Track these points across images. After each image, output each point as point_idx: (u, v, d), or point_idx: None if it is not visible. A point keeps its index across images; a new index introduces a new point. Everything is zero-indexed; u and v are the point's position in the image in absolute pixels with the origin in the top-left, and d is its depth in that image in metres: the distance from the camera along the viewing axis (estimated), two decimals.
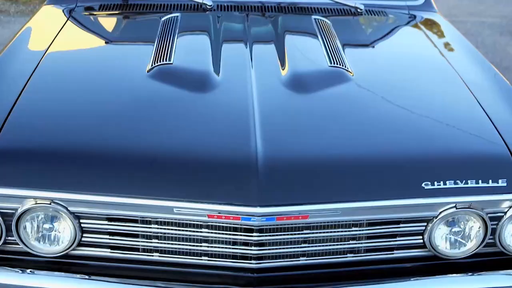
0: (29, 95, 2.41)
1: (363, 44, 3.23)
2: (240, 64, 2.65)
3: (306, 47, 2.89)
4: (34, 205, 2.05)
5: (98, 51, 2.99)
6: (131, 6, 3.35)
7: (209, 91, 2.45)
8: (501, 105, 2.54)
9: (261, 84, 2.47)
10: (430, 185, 2.12)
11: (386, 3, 3.53)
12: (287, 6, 3.39)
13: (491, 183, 2.15)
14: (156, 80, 2.51)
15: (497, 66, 6.21)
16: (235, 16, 3.25)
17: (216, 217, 2.03)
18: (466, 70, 2.80)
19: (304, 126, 2.28)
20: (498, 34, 7.29)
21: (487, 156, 2.24)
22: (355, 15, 3.38)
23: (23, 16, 7.55)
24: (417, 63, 2.92)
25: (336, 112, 2.42)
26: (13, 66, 2.69)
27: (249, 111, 2.27)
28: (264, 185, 2.02)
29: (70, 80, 2.60)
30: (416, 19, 3.44)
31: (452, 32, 3.34)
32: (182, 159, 2.11)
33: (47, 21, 3.28)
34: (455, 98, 2.60)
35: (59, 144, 2.17)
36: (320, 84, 2.52)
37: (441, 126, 2.38)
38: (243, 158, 2.07)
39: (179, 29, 2.96)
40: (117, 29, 3.30)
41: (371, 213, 2.10)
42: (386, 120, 2.37)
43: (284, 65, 2.65)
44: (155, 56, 2.66)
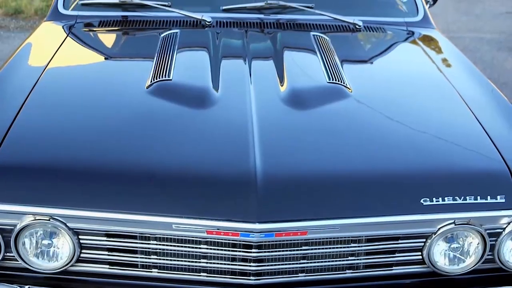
0: (29, 110, 2.42)
1: (362, 60, 3.24)
2: (239, 80, 2.66)
3: (305, 63, 2.90)
4: (33, 221, 2.05)
5: (98, 67, 3.00)
6: (131, 23, 3.37)
7: (208, 107, 2.45)
8: (499, 121, 2.55)
9: (260, 100, 2.48)
10: (429, 201, 2.12)
11: (384, 20, 3.55)
12: (286, 23, 3.41)
13: (489, 199, 2.15)
14: (155, 96, 2.52)
15: (495, 82, 6.23)
16: (234, 33, 3.27)
17: (215, 233, 2.03)
18: (464, 86, 2.81)
19: (303, 142, 2.29)
20: (496, 50, 7.31)
21: (485, 172, 2.24)
22: (354, 31, 3.39)
23: (23, 31, 7.58)
24: (415, 80, 2.93)
25: (335, 128, 2.42)
26: (13, 82, 2.70)
27: (248, 127, 2.28)
28: (263, 201, 2.02)
29: (70, 96, 2.61)
30: (414, 36, 3.45)
31: (450, 49, 3.35)
32: (181, 175, 2.12)
33: (47, 37, 3.30)
34: (454, 114, 2.61)
35: (58, 160, 2.18)
36: (319, 100, 2.53)
37: (439, 142, 2.39)
38: (242, 174, 2.08)
39: (179, 45, 2.97)
40: (117, 45, 3.31)
41: (370, 229, 2.10)
42: (385, 136, 2.38)
43: (283, 81, 2.66)
44: (155, 72, 2.67)
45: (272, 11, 3.45)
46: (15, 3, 8.36)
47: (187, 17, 3.34)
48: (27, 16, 8.10)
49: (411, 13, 3.62)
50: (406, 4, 3.69)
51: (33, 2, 8.46)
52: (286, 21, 3.43)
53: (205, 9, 3.49)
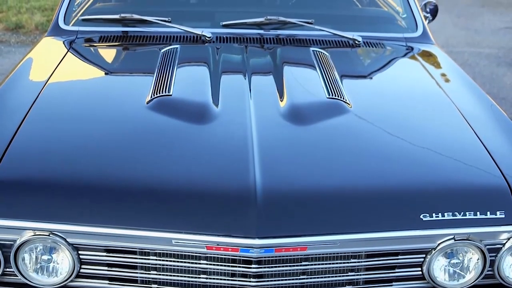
0: (29, 126, 2.42)
1: (361, 76, 3.25)
2: (239, 96, 2.67)
3: (304, 79, 2.91)
4: (33, 237, 2.05)
5: (98, 83, 3.01)
6: (131, 38, 3.38)
7: (208, 123, 2.46)
8: (498, 137, 2.56)
9: (260, 116, 2.49)
10: (429, 217, 2.12)
11: (384, 35, 3.56)
12: (286, 38, 3.42)
13: (489, 215, 2.15)
14: (155, 112, 2.52)
15: (494, 97, 6.27)
16: (234, 48, 3.28)
17: (215, 248, 2.03)
18: (463, 101, 2.82)
19: (302, 157, 2.29)
20: (495, 65, 7.34)
21: (485, 188, 2.25)
22: (353, 47, 3.40)
23: (24, 46, 7.60)
24: (414, 95, 2.93)
25: (335, 143, 2.43)
26: (14, 97, 2.71)
27: (247, 143, 2.28)
28: (263, 217, 2.03)
29: (70, 111, 2.61)
30: (413, 51, 3.46)
31: (449, 64, 3.36)
32: (180, 190, 2.12)
33: (47, 53, 3.31)
34: (453, 130, 2.61)
35: (58, 176, 2.18)
36: (319, 116, 2.53)
37: (439, 157, 2.39)
38: (242, 189, 2.08)
39: (179, 61, 2.98)
40: (117, 61, 3.32)
41: (369, 244, 2.10)
42: (385, 152, 2.38)
43: (283, 96, 2.66)
44: (155, 87, 2.68)
45: (272, 26, 3.47)
46: (16, 18, 8.39)
47: (187, 33, 3.35)
48: (28, 31, 8.13)
49: (410, 29, 3.64)
50: (406, 19, 3.71)
51: (34, 17, 8.49)
52: (286, 36, 3.44)
53: (205, 25, 3.51)
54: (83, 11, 3.65)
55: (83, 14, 3.58)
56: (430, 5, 4.14)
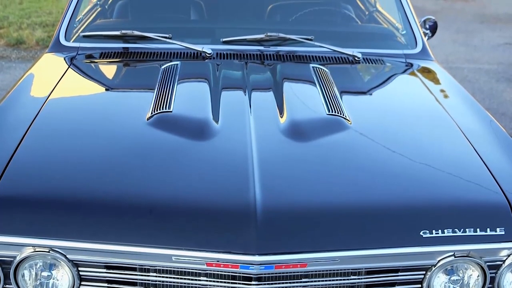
0: (29, 142, 2.43)
1: (361, 92, 3.26)
2: (239, 112, 2.68)
3: (304, 95, 2.92)
4: (33, 253, 2.06)
5: (99, 99, 3.02)
6: (132, 54, 3.39)
7: (208, 139, 2.47)
8: (497, 153, 2.56)
9: (260, 132, 2.49)
10: (428, 234, 2.13)
11: (383, 52, 3.57)
12: (286, 55, 3.43)
13: (489, 232, 2.16)
14: (156, 128, 2.53)
15: (494, 112, 6.27)
16: (234, 64, 3.29)
17: (215, 265, 2.03)
18: (463, 118, 2.83)
19: (302, 174, 2.29)
20: (494, 81, 7.36)
21: (484, 204, 2.25)
22: (353, 63, 3.41)
23: (24, 62, 7.62)
24: (414, 112, 2.94)
25: (335, 160, 2.43)
26: (15, 113, 2.72)
27: (248, 159, 2.29)
28: (263, 233, 2.03)
29: (71, 128, 2.62)
30: (413, 67, 3.47)
31: (448, 80, 3.37)
32: (180, 207, 2.12)
33: (48, 69, 3.32)
34: (453, 146, 2.62)
35: (58, 192, 2.18)
36: (319, 132, 2.54)
37: (438, 174, 2.39)
38: (242, 206, 2.08)
39: (179, 77, 2.99)
40: (118, 77, 3.33)
41: (369, 261, 2.10)
42: (384, 169, 2.38)
43: (283, 113, 2.67)
44: (155, 104, 2.69)
45: (272, 43, 3.48)
46: (17, 34, 8.42)
47: (188, 49, 3.36)
48: (29, 47, 8.15)
49: (410, 45, 3.65)
50: (405, 36, 3.72)
51: (35, 33, 8.52)
52: (286, 53, 3.45)
53: (205, 41, 3.52)
54: (84, 27, 3.68)
55: (84, 31, 3.60)
56: (429, 22, 4.16)
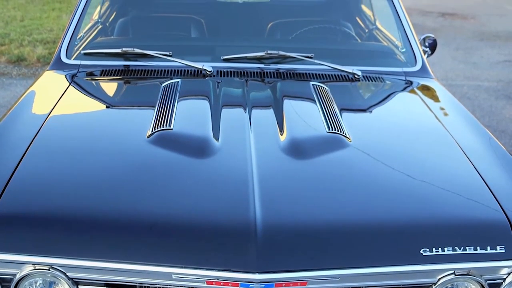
0: (30, 160, 2.43)
1: (361, 110, 3.26)
2: (239, 130, 2.68)
3: (304, 113, 2.93)
4: (33, 271, 2.05)
5: (100, 116, 3.03)
6: (132, 72, 3.40)
7: (208, 157, 2.47)
8: (497, 171, 2.56)
9: (260, 150, 2.50)
10: (429, 252, 2.12)
11: (383, 69, 3.59)
12: (286, 72, 3.44)
13: (489, 250, 2.15)
14: (156, 146, 2.53)
15: (494, 129, 6.28)
16: (234, 82, 3.30)
17: (215, 283, 2.03)
18: (462, 136, 2.83)
19: (302, 192, 2.29)
20: (494, 98, 7.37)
21: (485, 222, 2.25)
22: (353, 81, 3.42)
23: (25, 78, 7.64)
24: (414, 129, 2.95)
25: (335, 178, 2.44)
26: (16, 131, 2.72)
27: (248, 177, 2.29)
28: (263, 251, 2.02)
29: (72, 146, 2.62)
30: (412, 85, 3.48)
31: (448, 98, 3.38)
32: (181, 225, 2.12)
33: (49, 86, 3.33)
34: (452, 164, 2.62)
35: (58, 210, 2.18)
36: (319, 150, 2.54)
37: (438, 192, 2.40)
38: (242, 224, 2.08)
39: (180, 95, 3.00)
40: (119, 95, 3.34)
41: (370, 279, 2.10)
42: (384, 186, 2.39)
43: (283, 130, 2.68)
44: (156, 121, 2.69)
45: (272, 60, 3.49)
46: (18, 51, 8.45)
47: (188, 67, 3.38)
48: (30, 64, 8.17)
49: (409, 63, 3.67)
50: (405, 54, 3.74)
51: (36, 50, 8.55)
52: (286, 70, 3.46)
53: (206, 59, 3.54)
54: (85, 45, 3.69)
55: (85, 48, 3.62)
56: (429, 40, 4.18)
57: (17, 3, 11.42)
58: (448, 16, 12.41)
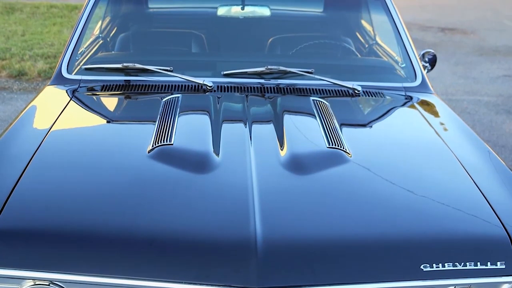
0: (31, 175, 2.43)
1: (361, 125, 3.27)
2: (239, 145, 2.69)
3: (304, 128, 2.93)
4: (33, 286, 2.05)
5: (100, 132, 3.03)
6: (133, 87, 3.41)
7: (208, 172, 2.47)
8: (497, 186, 2.57)
9: (260, 165, 2.50)
10: (429, 267, 2.12)
11: (383, 85, 3.59)
12: (286, 87, 3.45)
13: (489, 266, 2.15)
14: (157, 161, 2.54)
15: (494, 144, 6.28)
16: (235, 97, 3.30)
17: None
18: (462, 151, 2.84)
19: (303, 207, 2.29)
20: (494, 113, 7.38)
21: (485, 238, 2.25)
22: (353, 96, 3.43)
23: (26, 93, 7.65)
24: (414, 145, 2.95)
25: (335, 193, 2.44)
26: (17, 146, 2.72)
27: (248, 193, 2.29)
28: (263, 267, 2.02)
29: (72, 161, 2.63)
30: (412, 101, 3.49)
31: (448, 113, 3.38)
32: (181, 240, 2.12)
33: (50, 101, 3.33)
34: (453, 179, 2.62)
35: (59, 225, 2.19)
36: (319, 165, 2.55)
37: (439, 207, 2.40)
38: (242, 239, 2.08)
39: (180, 110, 3.01)
40: (119, 110, 3.35)
41: None
42: (385, 202, 2.39)
43: (283, 145, 2.68)
44: (156, 136, 2.70)
45: (273, 76, 3.51)
46: (19, 65, 8.47)
47: (189, 82, 3.39)
48: (31, 78, 8.19)
49: (409, 78, 3.68)
50: (405, 69, 3.75)
51: (37, 64, 8.57)
52: (286, 85, 3.47)
53: (206, 74, 3.55)
54: (86, 60, 3.70)
55: (86, 63, 3.63)
56: (428, 55, 4.19)
57: (19, 18, 11.46)
58: (448, 31, 12.45)
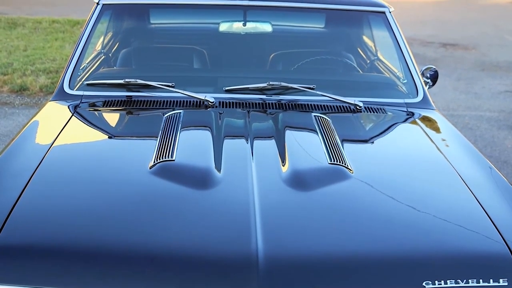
0: (32, 191, 2.43)
1: (363, 141, 3.27)
2: (241, 161, 2.69)
3: (306, 144, 2.93)
4: None
5: (102, 147, 3.03)
6: (135, 103, 3.42)
7: (210, 188, 2.47)
8: (499, 202, 2.56)
9: (262, 181, 2.50)
10: (431, 284, 2.11)
11: (385, 101, 3.60)
12: (288, 103, 3.46)
13: (492, 283, 2.14)
14: (158, 177, 2.54)
15: (496, 160, 6.27)
16: (236, 113, 3.31)
17: None
18: (464, 167, 2.83)
19: (304, 224, 2.29)
20: (496, 128, 7.38)
21: (487, 255, 2.24)
22: (354, 112, 3.43)
23: (28, 108, 7.66)
24: (415, 161, 2.95)
25: (337, 209, 2.43)
26: (18, 161, 2.72)
27: (249, 209, 2.29)
28: (265, 284, 2.01)
29: (73, 177, 2.63)
30: (414, 116, 3.49)
31: (449, 130, 3.39)
32: (182, 257, 2.12)
33: (52, 117, 3.34)
34: (454, 195, 2.62)
35: (60, 241, 2.18)
36: (321, 182, 2.55)
37: (440, 223, 2.39)
38: (244, 256, 2.07)
39: (182, 126, 3.01)
40: (121, 125, 3.35)
41: None
42: (387, 218, 2.38)
43: (285, 161, 2.68)
44: (158, 152, 2.70)
45: (274, 92, 3.51)
46: (21, 80, 8.48)
47: (190, 98, 3.39)
48: (32, 93, 8.20)
49: (411, 94, 3.69)
50: (406, 85, 3.76)
51: (39, 79, 8.58)
52: (288, 101, 3.48)
53: (208, 90, 3.56)
54: (88, 75, 3.71)
55: (88, 79, 3.64)
56: (430, 71, 4.20)
57: (21, 33, 11.50)
58: (449, 46, 12.48)
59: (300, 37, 4.64)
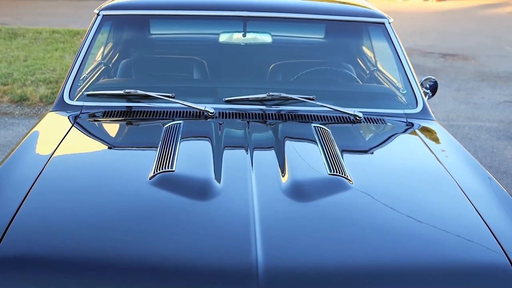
0: (32, 202, 2.43)
1: (362, 152, 3.27)
2: (241, 172, 2.69)
3: (306, 155, 2.93)
4: None
5: (102, 158, 3.04)
6: (135, 113, 3.42)
7: (210, 199, 2.47)
8: (498, 213, 2.56)
9: (262, 192, 2.50)
10: None
11: (384, 111, 3.61)
12: (287, 114, 3.46)
13: None
14: (158, 188, 2.54)
15: (496, 170, 6.27)
16: (236, 124, 3.31)
17: None
18: (463, 178, 2.84)
19: (305, 235, 2.29)
20: (495, 139, 7.38)
21: (487, 265, 2.24)
22: (354, 122, 3.44)
23: (28, 118, 7.67)
24: (415, 171, 2.95)
25: (336, 220, 2.43)
26: (18, 172, 2.72)
27: (249, 220, 2.29)
28: None
29: (73, 187, 2.62)
30: (413, 127, 3.50)
31: (449, 140, 3.39)
32: (182, 268, 2.11)
33: (52, 127, 3.34)
34: (454, 206, 2.62)
35: (60, 252, 2.18)
36: (320, 193, 2.55)
37: (440, 234, 2.39)
38: (244, 267, 2.07)
39: (182, 136, 3.01)
40: (121, 136, 3.35)
41: None
42: (386, 229, 2.38)
43: (285, 172, 2.68)
44: (157, 163, 2.70)
45: (274, 102, 3.52)
46: (21, 91, 8.50)
47: (190, 108, 3.40)
48: (32, 103, 8.21)
49: (410, 105, 3.69)
50: (406, 96, 3.76)
51: (39, 89, 8.60)
52: (288, 112, 3.48)
53: (208, 101, 3.56)
54: (88, 86, 3.72)
55: (88, 89, 3.64)
56: (429, 82, 4.21)
57: (21, 43, 11.53)
58: (449, 57, 12.51)
59: (299, 48, 4.65)
